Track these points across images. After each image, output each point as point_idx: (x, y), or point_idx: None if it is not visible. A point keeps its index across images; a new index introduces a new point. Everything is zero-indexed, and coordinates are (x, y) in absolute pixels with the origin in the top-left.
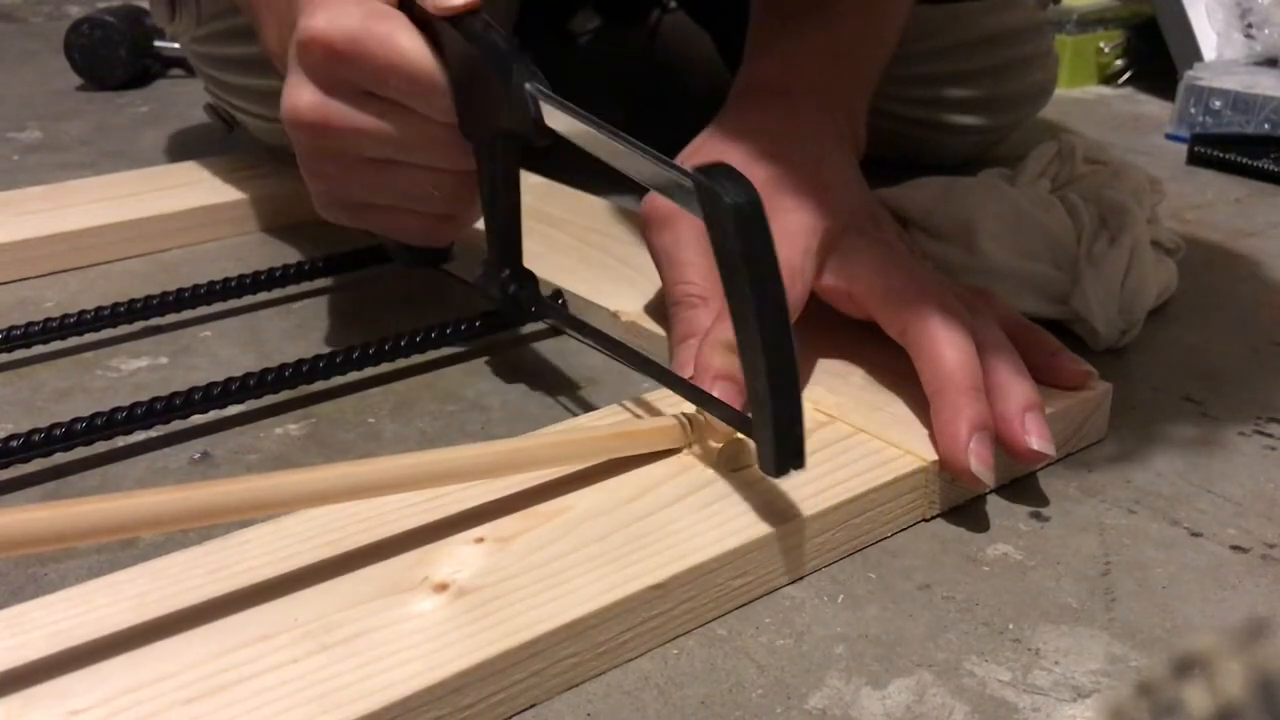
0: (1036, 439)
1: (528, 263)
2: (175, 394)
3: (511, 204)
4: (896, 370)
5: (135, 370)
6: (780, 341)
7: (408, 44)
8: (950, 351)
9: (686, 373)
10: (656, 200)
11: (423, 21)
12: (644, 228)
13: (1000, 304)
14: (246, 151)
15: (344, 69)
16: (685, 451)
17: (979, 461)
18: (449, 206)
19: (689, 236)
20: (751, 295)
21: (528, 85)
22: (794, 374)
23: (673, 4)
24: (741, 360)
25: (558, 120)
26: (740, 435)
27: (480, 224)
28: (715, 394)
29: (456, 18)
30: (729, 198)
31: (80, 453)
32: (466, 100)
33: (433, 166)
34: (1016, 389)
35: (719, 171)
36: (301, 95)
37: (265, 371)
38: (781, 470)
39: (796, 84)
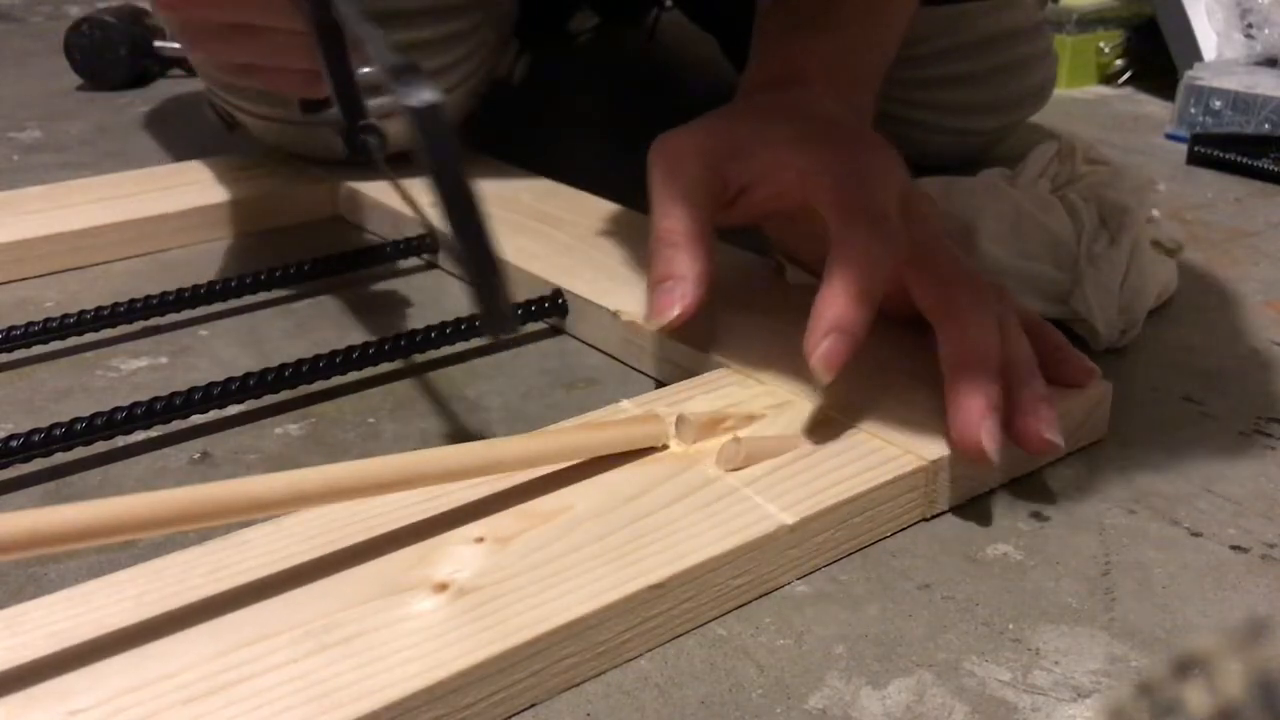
0: (1048, 428)
1: (525, 262)
2: (175, 394)
3: (341, 56)
4: (897, 370)
5: (135, 370)
6: (459, 195)
7: None
8: (976, 331)
9: (662, 319)
10: (665, 139)
11: None
12: (648, 166)
13: (1010, 299)
14: (246, 151)
15: None
16: (683, 451)
17: (990, 438)
18: (304, 61)
19: (683, 176)
20: (433, 162)
21: None
22: (483, 235)
23: (669, 3)
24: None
25: None
26: (738, 435)
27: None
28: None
29: None
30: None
31: (80, 453)
32: None
33: (269, 25)
34: (1031, 380)
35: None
36: None
37: (265, 371)
38: (491, 333)
39: (805, 79)
